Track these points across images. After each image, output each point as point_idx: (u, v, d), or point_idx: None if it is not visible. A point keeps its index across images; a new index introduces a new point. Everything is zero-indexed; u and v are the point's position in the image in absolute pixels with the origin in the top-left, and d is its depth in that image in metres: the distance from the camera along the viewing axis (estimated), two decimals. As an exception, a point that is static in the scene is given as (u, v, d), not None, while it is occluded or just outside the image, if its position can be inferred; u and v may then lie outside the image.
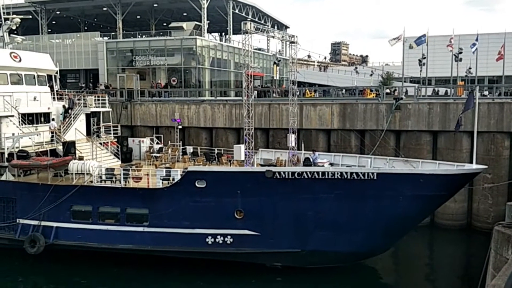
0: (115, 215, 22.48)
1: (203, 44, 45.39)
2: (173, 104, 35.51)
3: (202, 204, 21.47)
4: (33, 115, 27.98)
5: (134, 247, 22.22)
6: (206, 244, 21.74)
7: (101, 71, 45.91)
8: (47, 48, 45.25)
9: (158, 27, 54.50)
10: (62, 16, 54.08)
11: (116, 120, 34.71)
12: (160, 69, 45.12)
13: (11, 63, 28.21)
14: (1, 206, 23.89)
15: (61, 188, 22.72)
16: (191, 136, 34.87)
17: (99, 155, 27.66)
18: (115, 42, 46.68)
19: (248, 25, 24.62)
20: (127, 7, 48.29)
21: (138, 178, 22.76)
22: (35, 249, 22.55)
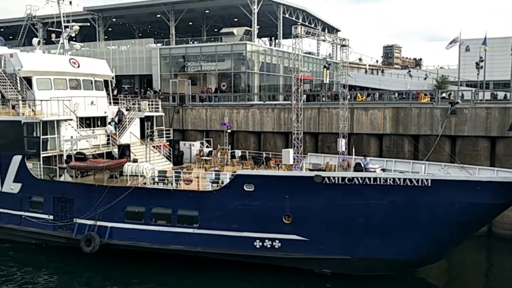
0: (167, 216, 22.92)
1: (253, 49, 45.72)
2: (222, 109, 35.95)
3: (251, 208, 21.54)
4: (90, 119, 29.09)
5: (184, 248, 22.58)
6: (254, 247, 21.79)
7: (154, 76, 47.17)
8: (103, 55, 47.04)
9: (210, 33, 55.42)
10: (118, 23, 56.07)
11: (168, 124, 35.54)
12: (210, 74, 45.84)
13: (70, 69, 29.51)
14: (59, 205, 24.88)
15: (116, 189, 23.46)
16: (239, 140, 35.15)
17: (152, 158, 28.40)
18: (168, 48, 47.86)
19: (298, 29, 24.59)
20: (180, 14, 49.42)
21: (188, 181, 23.17)
22: (91, 248, 23.33)
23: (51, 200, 24.98)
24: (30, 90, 27.25)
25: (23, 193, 25.77)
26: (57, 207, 24.90)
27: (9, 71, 27.51)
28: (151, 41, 49.33)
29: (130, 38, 54.58)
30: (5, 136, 26.42)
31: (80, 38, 47.50)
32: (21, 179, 25.79)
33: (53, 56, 31.44)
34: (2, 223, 26.40)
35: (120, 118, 29.97)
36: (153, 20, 55.98)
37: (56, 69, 28.76)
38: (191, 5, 48.91)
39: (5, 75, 27.24)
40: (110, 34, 57.80)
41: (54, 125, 26.04)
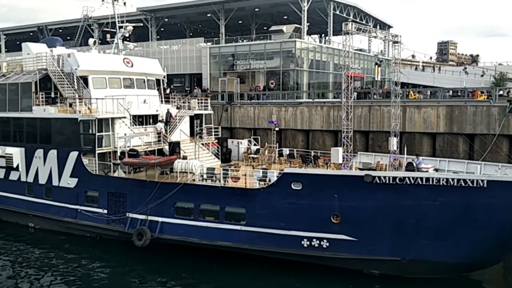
0: (215, 212, 23.19)
1: (303, 46, 45.43)
2: (270, 107, 35.96)
3: (298, 206, 21.41)
4: (142, 117, 29.88)
5: (232, 245, 22.75)
6: (301, 246, 21.65)
7: (204, 75, 47.84)
8: (155, 54, 48.17)
9: (259, 31, 55.55)
10: (170, 23, 57.26)
11: (217, 122, 35.94)
12: (259, 72, 45.94)
13: (124, 68, 30.39)
14: (113, 200, 25.69)
15: (166, 185, 23.97)
16: (287, 138, 35.04)
17: (201, 155, 28.81)
18: (217, 47, 48.39)
19: (349, 25, 24.17)
20: (230, 12, 49.83)
21: (236, 178, 23.33)
22: (142, 242, 23.97)
23: (105, 195, 25.83)
24: (86, 88, 28.26)
25: (79, 188, 26.79)
26: (111, 201, 25.71)
27: (66, 70, 28.62)
28: (201, 40, 50.04)
29: (181, 38, 55.59)
30: (63, 133, 27.54)
31: (134, 38, 48.82)
32: (77, 174, 26.82)
33: (108, 56, 32.50)
34: (59, 216, 27.56)
35: (168, 119, 30.53)
36: (203, 20, 56.76)
37: (111, 69, 29.69)
38: (241, 4, 49.21)
39: (63, 74, 28.38)
40: (162, 34, 59.09)
41: (108, 123, 26.90)
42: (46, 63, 29.07)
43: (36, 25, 61.80)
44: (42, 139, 28.42)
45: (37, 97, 28.41)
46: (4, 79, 30.69)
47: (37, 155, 28.48)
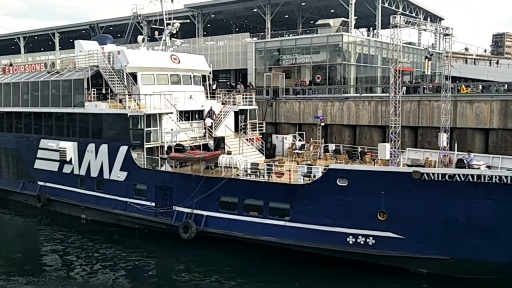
0: (259, 207, 23.28)
1: (350, 40, 44.68)
2: (316, 101, 35.62)
3: (344, 203, 21.15)
4: (188, 112, 30.34)
5: (275, 240, 22.78)
6: (347, 243, 21.39)
7: (249, 70, 47.96)
8: (202, 50, 48.71)
9: (305, 25, 55.07)
10: (216, 19, 57.73)
11: (261, 117, 35.98)
12: (305, 67, 45.57)
13: (171, 64, 30.94)
14: (160, 193, 26.25)
15: (211, 179, 24.27)
16: (333, 134, 34.62)
17: (245, 150, 28.96)
18: (263, 42, 48.35)
19: (397, 18, 23.57)
20: (276, 7, 49.67)
21: (280, 174, 23.30)
22: (188, 234, 24.44)
23: (153, 188, 26.44)
24: (135, 85, 28.99)
25: (128, 181, 27.55)
26: (158, 195, 26.29)
27: (117, 67, 29.46)
28: (247, 36, 50.15)
29: (228, 34, 55.94)
30: (113, 128, 28.38)
31: (181, 35, 49.64)
32: (126, 168, 27.59)
33: (156, 52, 33.21)
34: (110, 208, 28.47)
35: (211, 116, 30.77)
36: (249, 15, 56.84)
37: (159, 65, 30.31)
38: (287, -2, 48.96)
39: (113, 71, 29.22)
40: (209, 30, 59.69)
41: (156, 118, 27.51)
42: (97, 60, 30.01)
43: (88, 23, 64.00)
44: (93, 134, 29.42)
45: (89, 93, 29.39)
46: (58, 76, 31.94)
47: (89, 149, 29.51)
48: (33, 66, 35.76)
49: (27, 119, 33.92)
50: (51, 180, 32.09)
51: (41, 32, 70.55)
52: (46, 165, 32.17)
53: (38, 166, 32.87)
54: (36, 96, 33.05)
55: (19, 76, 35.24)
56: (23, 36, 71.81)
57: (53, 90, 31.96)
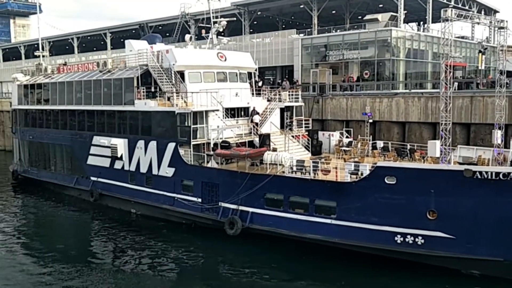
0: (304, 205, 23.16)
1: (399, 35, 43.55)
2: (364, 98, 34.99)
3: (392, 201, 20.73)
4: (234, 110, 30.57)
5: (321, 238, 22.60)
6: (394, 242, 20.95)
7: (295, 67, 47.68)
8: (248, 48, 48.88)
9: (353, 21, 54.18)
10: (262, 16, 57.72)
11: (307, 114, 35.73)
12: (353, 63, 44.85)
13: (217, 62, 31.28)
14: (207, 190, 26.62)
15: (256, 176, 24.36)
16: (382, 131, 33.90)
17: (291, 147, 28.89)
18: (309, 38, 47.95)
19: (448, 12, 22.79)
20: (323, 3, 49.11)
21: (326, 171, 23.07)
22: (233, 230, 24.67)
23: (200, 184, 26.84)
24: (182, 83, 29.52)
25: (176, 177, 28.10)
26: (205, 191, 26.66)
27: (165, 65, 30.08)
28: (294, 32, 49.87)
29: (274, 30, 55.85)
30: (162, 125, 29.02)
31: (228, 33, 49.97)
32: (174, 164, 28.14)
33: (202, 51, 33.63)
34: (158, 203, 29.16)
35: (252, 116, 30.76)
36: (296, 11, 56.49)
37: (205, 63, 30.71)
38: (334, -7, 48.34)
39: (162, 69, 29.87)
40: (255, 27, 59.79)
41: (203, 115, 27.92)
42: (146, 59, 30.75)
43: (137, 23, 65.62)
44: (143, 131, 30.19)
45: (139, 91, 30.17)
46: (109, 75, 32.99)
47: (138, 145, 30.32)
48: (86, 66, 37.10)
49: (80, 117, 35.25)
50: (103, 176, 33.22)
51: (93, 33, 73.00)
52: (99, 161, 33.33)
53: (90, 162, 34.10)
54: (89, 94, 34.29)
55: (73, 75, 36.65)
56: (77, 37, 74.55)
57: (105, 88, 33.04)
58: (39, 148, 39.70)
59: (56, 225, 31.01)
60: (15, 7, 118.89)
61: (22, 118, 41.77)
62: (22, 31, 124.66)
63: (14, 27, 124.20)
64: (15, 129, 43.41)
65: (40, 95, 39.55)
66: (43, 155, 39.30)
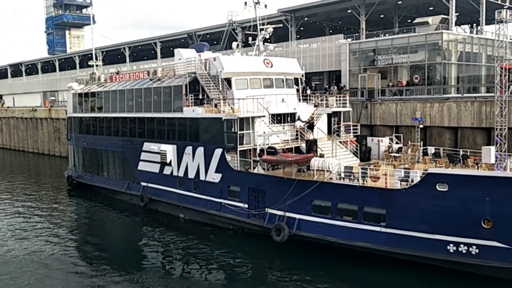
0: (353, 212, 22.79)
1: (450, 38, 42.26)
2: (414, 103, 34.12)
3: (444, 209, 20.08)
4: (281, 115, 30.57)
5: (370, 246, 22.17)
6: (447, 251, 20.26)
7: (343, 72, 47.17)
8: (295, 53, 48.84)
9: (402, 24, 53.13)
10: (309, 22, 57.61)
11: (356, 119, 35.21)
12: (402, 67, 43.88)
13: (264, 69, 31.42)
14: (253, 195, 26.71)
15: (303, 182, 24.21)
16: (433, 136, 32.91)
17: (339, 153, 28.53)
18: (357, 43, 47.36)
19: (503, 13, 21.94)
20: (371, 7, 48.44)
21: (376, 178, 22.64)
22: (280, 237, 24.57)
23: (246, 190, 26.98)
24: (229, 89, 29.84)
25: (223, 183, 28.37)
26: (251, 196, 26.77)
27: (212, 73, 30.54)
28: (341, 37, 49.41)
29: (321, 36, 55.55)
30: (209, 131, 29.43)
31: (274, 39, 50.12)
32: (221, 170, 28.44)
33: (249, 57, 33.89)
34: (206, 209, 29.52)
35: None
36: (343, 16, 56.02)
37: (252, 70, 30.92)
38: (383, -3, 47.58)
39: (209, 77, 30.33)
40: (302, 33, 59.70)
41: (249, 122, 28.11)
42: (195, 67, 31.34)
43: (186, 32, 67.00)
44: (191, 137, 30.72)
45: (187, 98, 30.77)
46: (159, 83, 33.82)
47: (186, 151, 30.86)
48: (137, 74, 38.25)
49: (131, 124, 36.31)
50: (153, 181, 34.01)
51: (144, 42, 75.26)
52: (149, 166, 34.17)
53: (141, 167, 35.01)
54: (139, 102, 35.29)
55: (125, 84, 37.84)
56: (128, 46, 77.06)
57: (154, 96, 33.91)
58: (93, 154, 41.17)
59: (107, 228, 32.03)
60: (70, 19, 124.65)
61: (77, 126, 43.48)
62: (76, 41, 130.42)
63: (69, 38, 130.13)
64: (70, 136, 45.25)
65: (94, 103, 41.05)
66: (96, 161, 40.72)
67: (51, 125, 68.42)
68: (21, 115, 76.77)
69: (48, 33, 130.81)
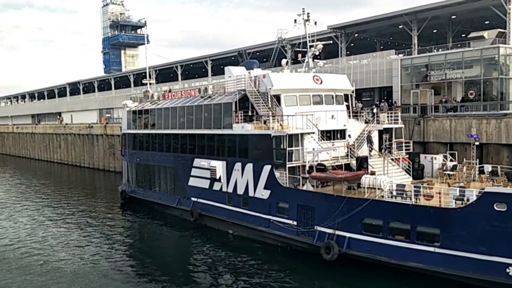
0: (405, 231, 22.16)
1: (508, 52, 40.68)
2: (469, 119, 33.00)
3: (502, 230, 19.19)
4: (330, 132, 30.35)
5: (423, 267, 21.44)
6: (506, 274, 19.31)
7: (395, 88, 46.37)
8: (345, 70, 48.51)
9: (456, 39, 51.70)
10: (359, 38, 57.18)
11: (408, 136, 34.42)
12: (456, 83, 42.62)
13: (313, 85, 31.40)
14: (302, 213, 26.51)
15: (353, 200, 23.83)
16: (490, 154, 31.62)
17: (390, 171, 27.90)
18: (409, 58, 46.48)
19: None
20: (423, 22, 47.53)
21: (429, 196, 21.95)
22: (330, 255, 24.20)
23: (295, 207, 26.82)
24: (278, 106, 29.99)
25: (272, 199, 28.36)
26: (300, 213, 26.57)
27: (262, 90, 30.82)
28: (392, 53, 48.68)
29: (371, 52, 54.96)
30: (258, 148, 29.60)
31: (324, 55, 50.07)
32: (270, 186, 28.46)
33: (298, 74, 34.02)
34: (254, 225, 29.55)
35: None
36: (394, 32, 55.25)
37: (301, 86, 30.98)
38: (435, 12, 46.52)
39: (259, 93, 30.62)
40: (352, 49, 59.28)
41: (298, 138, 28.05)
42: (244, 84, 31.76)
43: (236, 50, 68.12)
44: (240, 153, 30.99)
45: (237, 115, 31.16)
46: (210, 100, 34.48)
47: (236, 168, 31.13)
48: (188, 92, 39.20)
49: (183, 140, 37.09)
50: (203, 197, 34.49)
51: (195, 60, 77.07)
52: (199, 182, 34.70)
53: (191, 183, 35.61)
54: (190, 119, 36.07)
55: (177, 101, 38.83)
56: (180, 65, 79.15)
57: (205, 113, 34.57)
58: (145, 170, 42.31)
59: (158, 243, 32.63)
60: (126, 39, 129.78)
61: (131, 142, 44.90)
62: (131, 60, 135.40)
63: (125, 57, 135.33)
64: (124, 152, 46.78)
65: (147, 120, 42.34)
66: (149, 176, 41.80)
67: (106, 141, 71.06)
68: (78, 132, 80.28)
69: (105, 53, 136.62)
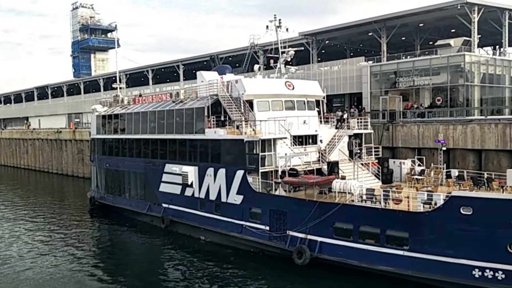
0: (375, 235, 22.54)
1: (472, 60, 42.01)
2: (436, 125, 33.86)
3: (468, 233, 19.76)
4: (302, 137, 30.65)
5: (393, 270, 21.84)
6: (472, 276, 19.86)
7: (364, 94, 47.19)
8: (316, 76, 49.11)
9: (423, 46, 53.03)
10: (330, 45, 57.99)
11: (377, 141, 35.05)
12: (424, 89, 43.71)
13: (285, 91, 31.66)
14: (274, 218, 26.60)
15: (325, 205, 24.11)
16: (456, 159, 32.50)
17: (360, 175, 28.36)
18: (379, 65, 47.41)
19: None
20: (392, 29, 48.59)
21: (398, 200, 22.41)
22: (302, 260, 24.34)
23: (268, 212, 26.91)
24: (251, 111, 30.10)
25: (244, 204, 28.37)
26: (273, 218, 26.66)
27: (234, 95, 30.87)
28: (362, 60, 49.56)
29: (342, 58, 55.82)
30: (231, 153, 29.60)
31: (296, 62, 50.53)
32: (243, 191, 28.46)
33: (271, 80, 34.28)
34: (227, 231, 29.48)
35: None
36: (364, 39, 56.27)
37: (274, 92, 31.19)
38: (404, 20, 47.64)
39: (231, 99, 30.68)
40: (323, 56, 60.06)
41: (271, 143, 28.20)
42: (217, 89, 31.75)
43: (208, 55, 68.06)
44: (212, 158, 30.92)
45: (209, 120, 31.10)
46: (181, 105, 34.30)
47: (208, 173, 31.03)
48: (159, 96, 38.88)
49: (153, 145, 36.75)
50: (174, 203, 34.18)
51: (167, 65, 76.57)
52: (170, 188, 34.39)
53: (162, 189, 35.27)
54: (162, 123, 35.78)
55: (148, 106, 38.46)
56: (151, 69, 78.48)
57: (177, 118, 34.35)
58: (115, 176, 41.67)
59: (128, 250, 32.19)
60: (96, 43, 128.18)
61: (100, 147, 44.16)
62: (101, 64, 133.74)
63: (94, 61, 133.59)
64: (93, 157, 45.93)
65: (117, 125, 41.77)
66: (118, 182, 41.18)
67: (75, 146, 69.74)
68: (46, 137, 78.54)
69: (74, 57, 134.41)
